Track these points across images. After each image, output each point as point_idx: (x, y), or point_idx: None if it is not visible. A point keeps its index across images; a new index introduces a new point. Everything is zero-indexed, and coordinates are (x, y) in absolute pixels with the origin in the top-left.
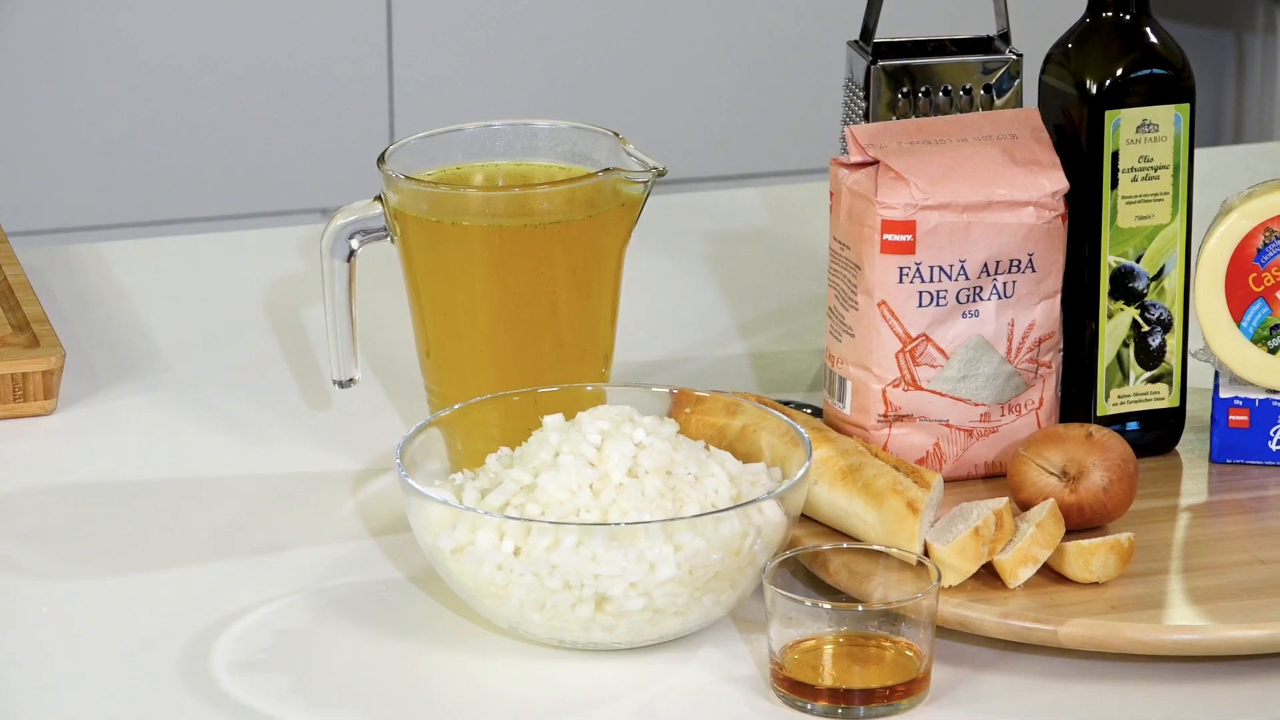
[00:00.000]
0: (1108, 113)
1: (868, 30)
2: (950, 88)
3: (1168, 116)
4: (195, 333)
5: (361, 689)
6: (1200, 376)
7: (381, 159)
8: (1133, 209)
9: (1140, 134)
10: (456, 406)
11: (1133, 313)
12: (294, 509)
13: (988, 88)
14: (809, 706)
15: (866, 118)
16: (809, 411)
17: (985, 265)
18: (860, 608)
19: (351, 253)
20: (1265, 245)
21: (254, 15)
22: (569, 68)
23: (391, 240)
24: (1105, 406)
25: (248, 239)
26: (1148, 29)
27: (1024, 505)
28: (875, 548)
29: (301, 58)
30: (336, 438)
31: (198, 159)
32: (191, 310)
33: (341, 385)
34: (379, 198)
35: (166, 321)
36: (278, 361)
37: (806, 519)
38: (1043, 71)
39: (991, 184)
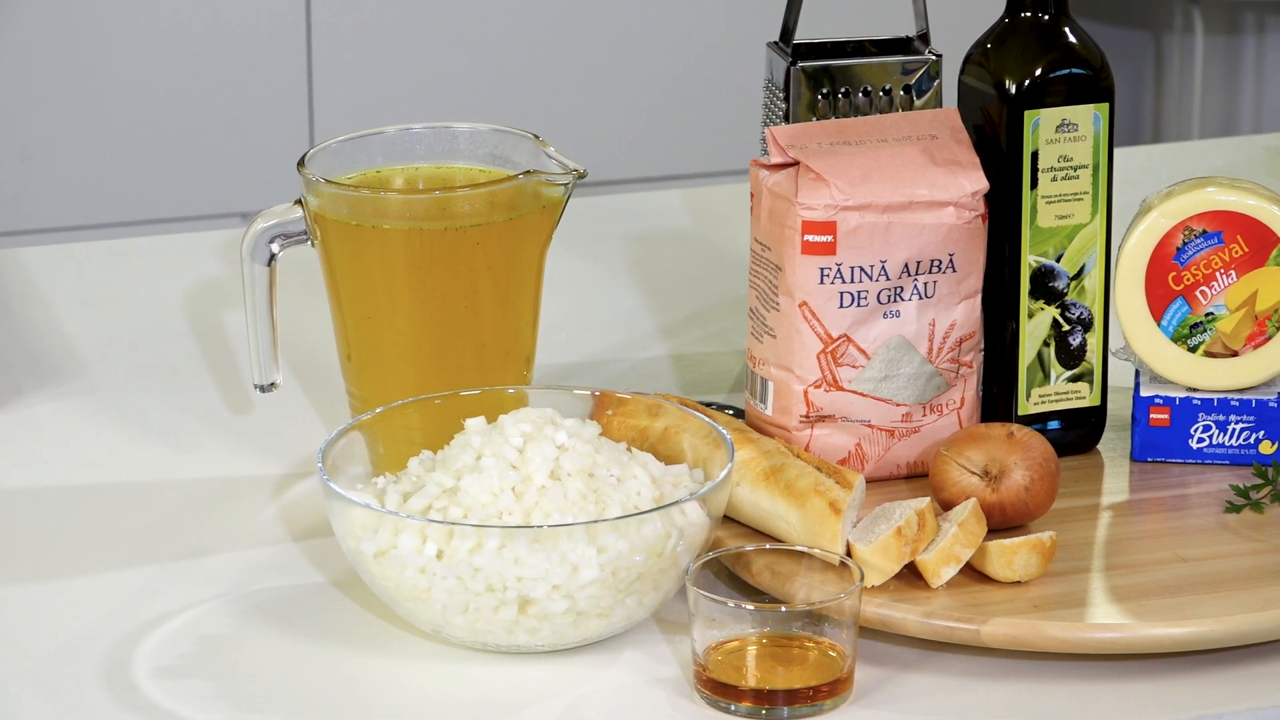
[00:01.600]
0: (1027, 112)
1: (787, 31)
2: (870, 88)
3: (1087, 116)
4: (116, 338)
5: (284, 693)
6: (1121, 375)
7: (301, 162)
8: (1052, 208)
9: (1059, 134)
10: (378, 410)
11: (1053, 312)
12: (216, 514)
13: (907, 88)
14: (733, 707)
15: (787, 119)
16: (731, 413)
17: (906, 265)
18: (783, 608)
19: (272, 257)
20: (1185, 244)
21: (171, 19)
22: (489, 70)
23: (312, 244)
24: (1026, 406)
25: (168, 244)
26: (1066, 29)
27: (946, 505)
28: (798, 548)
29: (220, 61)
30: (258, 442)
31: (116, 164)
32: (112, 316)
33: (263, 389)
34: (299, 201)
35: (87, 327)
36: (198, 366)
37: (729, 520)
38: (962, 72)
39: (912, 184)
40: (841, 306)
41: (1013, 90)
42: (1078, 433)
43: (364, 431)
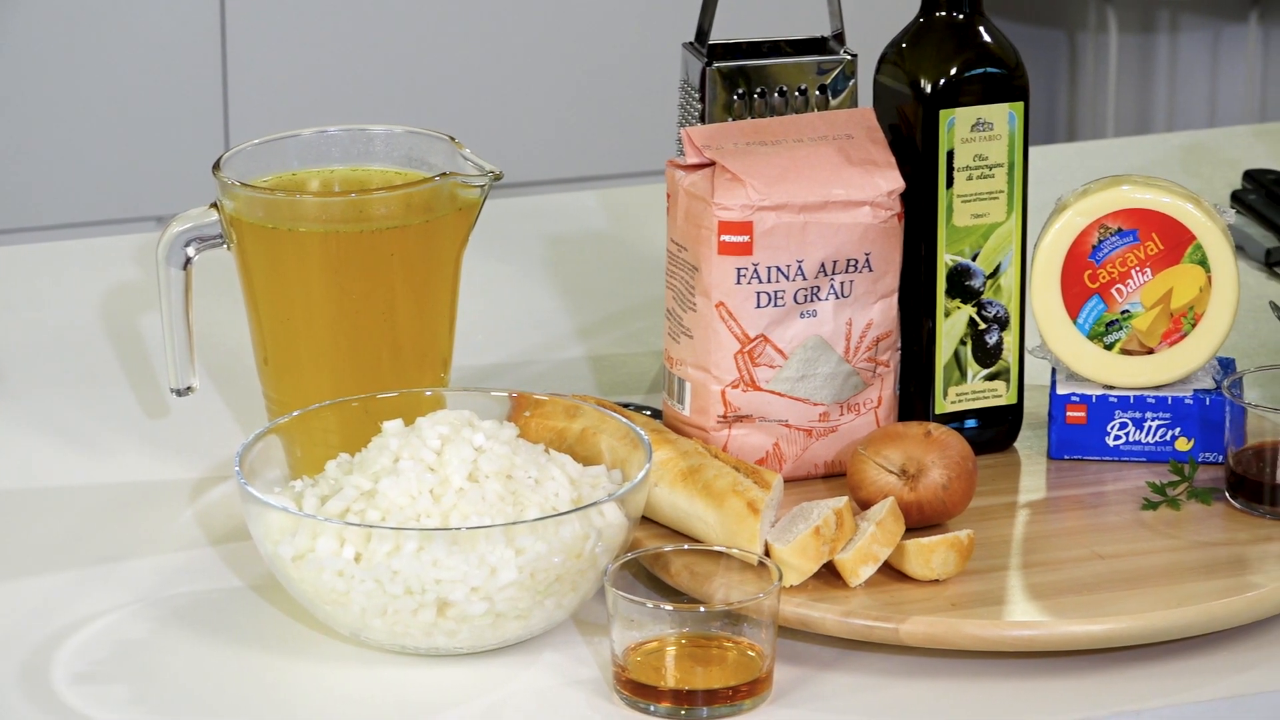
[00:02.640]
0: (942, 112)
1: (703, 32)
2: (786, 89)
3: (1002, 115)
4: (30, 343)
5: (202, 698)
6: (1037, 373)
7: (217, 165)
8: (968, 207)
9: (975, 133)
10: (295, 413)
11: (969, 311)
12: (132, 518)
13: (823, 88)
14: (652, 708)
15: (702, 119)
16: (649, 414)
17: (822, 265)
18: (702, 609)
19: (188, 260)
20: (1100, 242)
21: (85, 20)
22: (404, 72)
23: (228, 247)
24: (943, 404)
25: (82, 248)
26: (981, 28)
27: (864, 504)
28: (716, 549)
29: (134, 63)
30: (174, 446)
31: (30, 168)
32: (26, 320)
33: (179, 393)
34: (215, 205)
35: (1, 332)
36: (114, 370)
37: (647, 521)
38: (877, 71)
39: (828, 184)
40: (758, 306)
41: (928, 89)
42: (995, 431)
43: (281, 435)
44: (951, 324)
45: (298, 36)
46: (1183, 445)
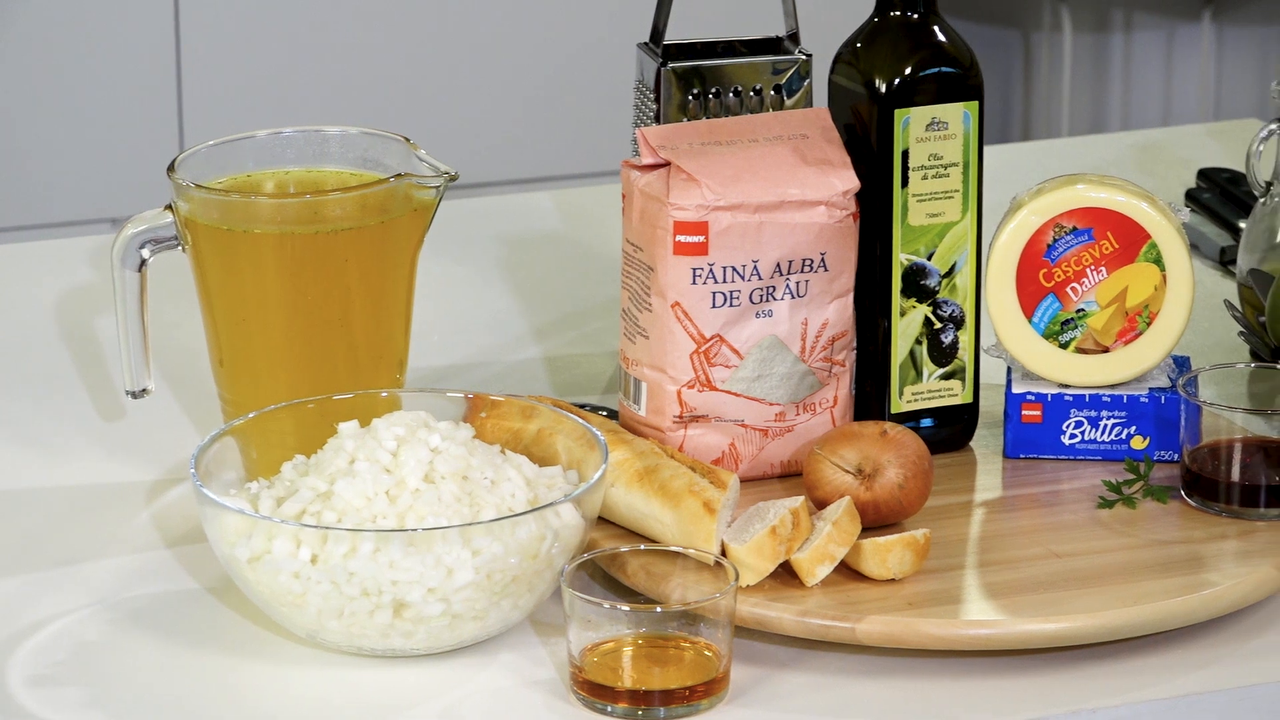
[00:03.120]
0: (897, 111)
1: (657, 32)
2: (740, 89)
3: (956, 114)
4: None
5: (159, 700)
6: (993, 372)
7: (171, 167)
8: (923, 207)
9: (929, 132)
10: (251, 415)
11: (925, 310)
12: (88, 521)
13: (778, 88)
14: (609, 709)
15: (657, 120)
16: (605, 414)
17: (778, 265)
18: (658, 609)
19: (143, 262)
20: (1055, 241)
21: (38, 23)
22: (359, 73)
23: (183, 249)
24: (899, 404)
25: (36, 250)
26: (936, 28)
27: (820, 504)
28: (673, 549)
29: (89, 66)
30: (130, 448)
31: None
32: None
33: (135, 395)
34: (170, 206)
35: None
36: (69, 373)
37: (604, 521)
38: (832, 71)
39: (783, 184)
40: (714, 306)
41: (883, 89)
42: (951, 430)
43: (237, 437)
44: (907, 323)
45: (252, 38)
46: (1138, 444)
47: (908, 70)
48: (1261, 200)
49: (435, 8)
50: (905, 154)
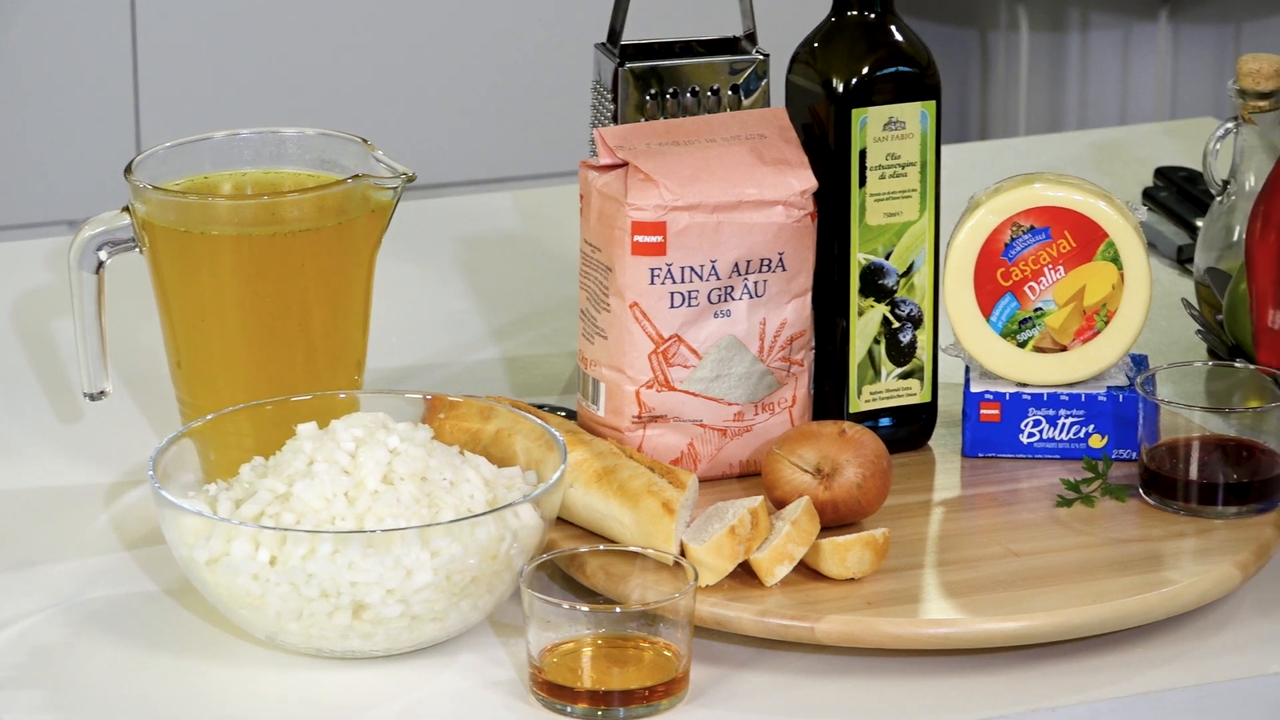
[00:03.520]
0: (854, 111)
1: (614, 32)
2: (698, 89)
3: (914, 114)
4: None
5: (118, 703)
6: (951, 372)
7: (129, 169)
8: (881, 206)
9: (887, 131)
10: (209, 417)
11: (883, 309)
12: (47, 523)
13: (735, 88)
14: (569, 709)
15: (615, 120)
16: (563, 415)
17: (736, 265)
18: (618, 609)
19: (100, 264)
20: (1013, 240)
21: None
22: (316, 74)
23: (140, 251)
24: (858, 403)
25: None
26: (893, 27)
27: (779, 503)
28: (632, 549)
29: (45, 67)
30: (89, 451)
31: None
32: None
33: (92, 398)
34: (127, 208)
35: None
36: (27, 375)
37: (563, 522)
38: (789, 71)
39: (741, 184)
40: (672, 307)
41: (840, 89)
42: (909, 429)
43: (195, 439)
44: (865, 323)
45: (209, 39)
46: (1096, 442)
47: (865, 70)
48: (1218, 199)
49: (392, 9)
50: (863, 153)
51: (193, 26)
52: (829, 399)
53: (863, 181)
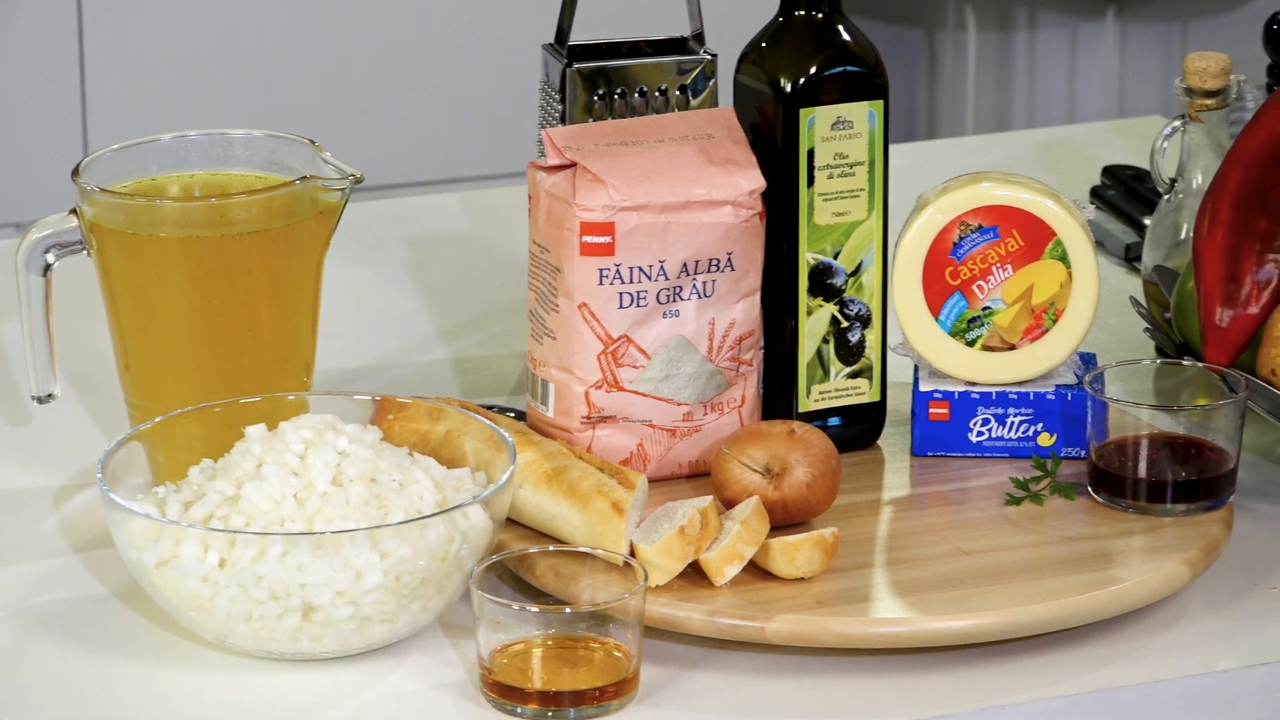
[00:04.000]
0: (802, 110)
1: (562, 33)
2: (646, 89)
3: (862, 113)
4: None
5: (67, 707)
6: (900, 371)
7: (76, 172)
8: (829, 206)
9: (835, 131)
10: (157, 419)
11: (832, 309)
12: None
13: (683, 88)
14: (519, 710)
15: (563, 120)
16: (513, 415)
17: (685, 265)
18: (568, 610)
19: (48, 267)
20: (961, 239)
21: None
22: (264, 76)
23: (88, 253)
24: (807, 403)
25: None
26: (840, 27)
27: (729, 503)
28: (582, 550)
29: None
30: (37, 453)
31: None
32: None
33: (40, 400)
34: (74, 211)
35: None
36: None
37: (512, 523)
38: (737, 71)
39: (689, 184)
40: (621, 307)
41: (788, 88)
42: (858, 428)
43: (144, 441)
44: (814, 322)
45: (156, 41)
46: (1045, 440)
47: (813, 70)
48: (1166, 197)
49: (342, 9)
50: (811, 153)
51: (139, 29)
52: (778, 398)
53: (811, 181)
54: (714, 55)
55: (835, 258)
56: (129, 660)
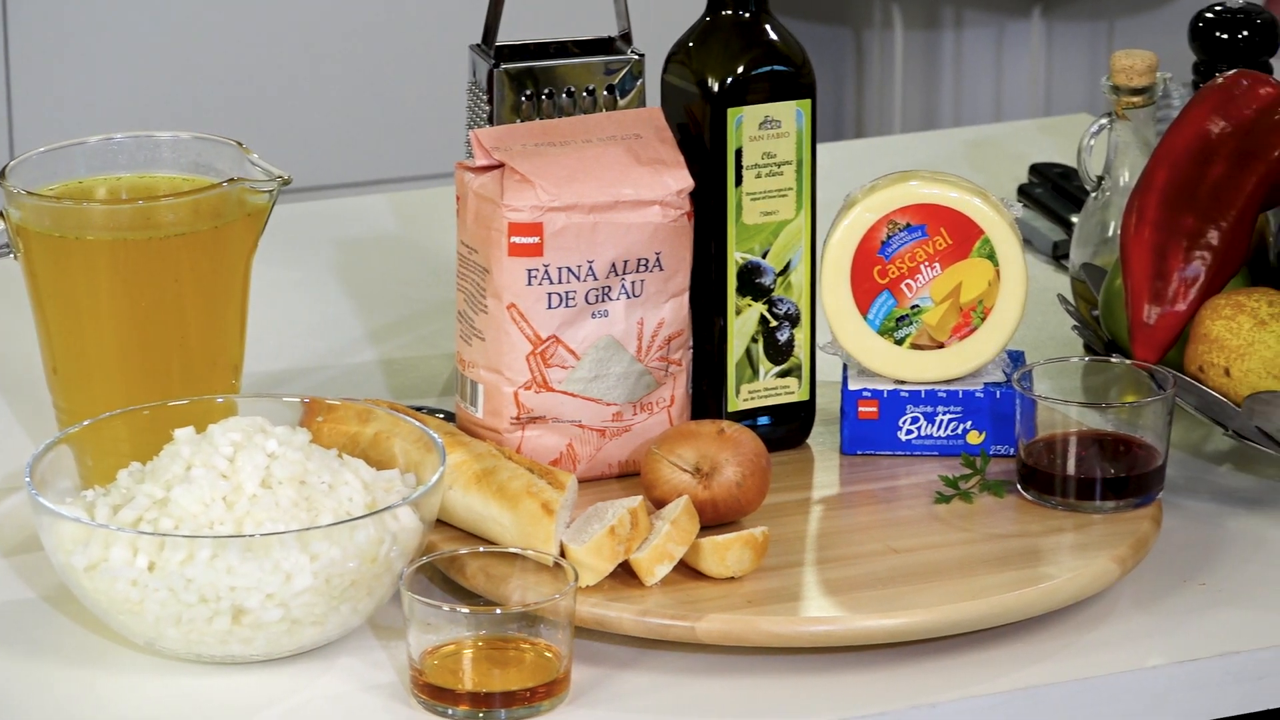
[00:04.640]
0: (730, 110)
1: (489, 33)
2: (573, 89)
3: (789, 112)
4: None
5: None
6: (829, 370)
7: (2, 175)
8: (757, 205)
9: (762, 130)
10: (86, 423)
11: (760, 308)
12: None
13: (611, 88)
14: (450, 712)
15: (491, 121)
16: (442, 416)
17: (613, 265)
18: (498, 611)
19: None
20: (889, 238)
21: None
22: (191, 77)
23: (15, 257)
24: (736, 402)
25: None
26: (767, 26)
27: (659, 503)
28: (512, 550)
29: None
30: None
31: None
32: None
33: None
34: (1, 214)
35: None
36: None
37: (443, 524)
38: (665, 71)
39: (617, 184)
40: (550, 307)
41: (715, 88)
42: (788, 428)
43: (72, 444)
44: (743, 322)
45: (82, 43)
46: (974, 438)
47: (740, 69)
48: (1093, 195)
49: (266, 10)
50: (739, 152)
51: (65, 30)
52: (707, 398)
53: (739, 180)
54: (641, 55)
55: (764, 257)
56: (58, 665)
